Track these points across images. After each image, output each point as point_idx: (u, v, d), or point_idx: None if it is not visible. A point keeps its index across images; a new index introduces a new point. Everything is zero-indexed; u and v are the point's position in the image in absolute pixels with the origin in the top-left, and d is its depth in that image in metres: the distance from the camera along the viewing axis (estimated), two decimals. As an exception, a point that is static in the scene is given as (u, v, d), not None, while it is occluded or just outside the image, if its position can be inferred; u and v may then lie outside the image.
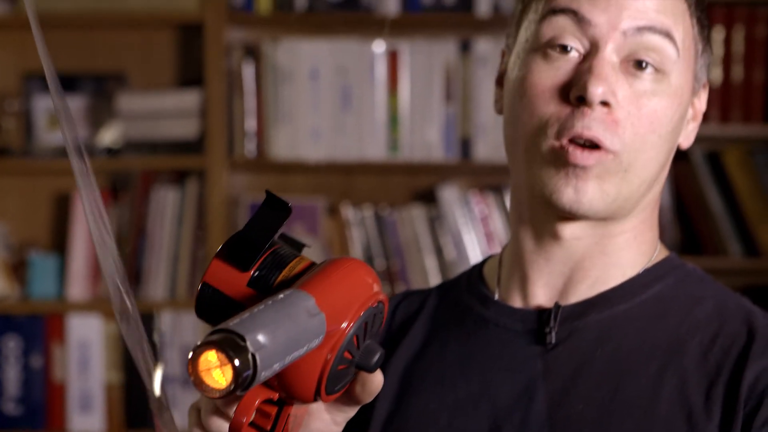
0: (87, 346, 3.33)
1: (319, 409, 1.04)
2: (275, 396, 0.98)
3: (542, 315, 1.24)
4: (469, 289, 1.32)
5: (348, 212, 3.34)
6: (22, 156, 3.40)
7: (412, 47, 3.31)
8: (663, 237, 3.25)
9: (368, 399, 1.02)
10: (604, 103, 1.17)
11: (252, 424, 0.98)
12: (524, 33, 1.24)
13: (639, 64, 1.18)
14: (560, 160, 1.18)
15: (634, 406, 1.17)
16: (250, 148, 3.33)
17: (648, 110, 1.18)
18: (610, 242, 1.24)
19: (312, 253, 1.05)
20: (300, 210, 3.37)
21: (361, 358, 0.98)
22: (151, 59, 3.45)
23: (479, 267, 1.35)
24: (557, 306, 1.23)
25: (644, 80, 1.18)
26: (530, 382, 1.22)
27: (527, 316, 1.25)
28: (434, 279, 3.27)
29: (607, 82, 1.16)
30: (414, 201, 3.41)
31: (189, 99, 3.32)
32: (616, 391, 1.19)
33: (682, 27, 1.20)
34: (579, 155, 1.17)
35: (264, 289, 0.99)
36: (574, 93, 1.17)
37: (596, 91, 1.15)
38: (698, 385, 1.17)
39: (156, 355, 1.02)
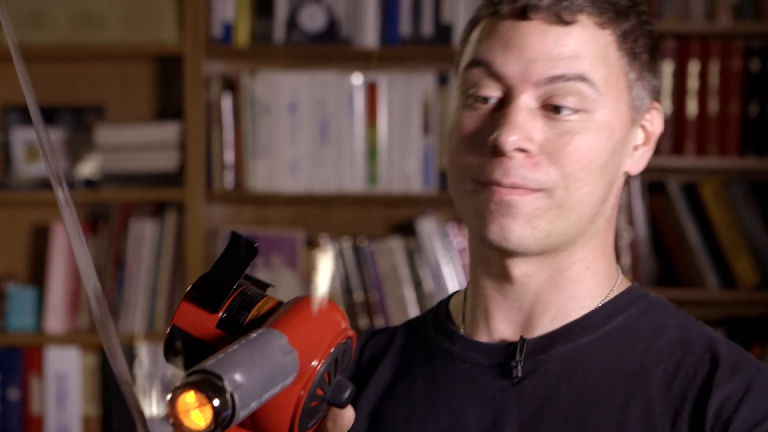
0: (65, 379, 3.31)
1: None
2: None
3: (508, 349, 1.25)
4: (435, 325, 1.33)
5: (326, 244, 3.35)
6: (0, 188, 3.39)
7: (391, 79, 3.33)
8: (639, 269, 3.27)
9: None
10: (522, 149, 1.18)
11: None
12: (456, 82, 1.26)
13: (556, 109, 1.18)
14: (484, 200, 1.19)
15: None
16: (228, 180, 3.33)
17: (572, 149, 1.18)
18: (561, 276, 1.25)
19: (275, 291, 1.06)
20: (278, 242, 3.37)
21: (332, 395, 0.99)
22: (130, 91, 3.46)
23: (445, 303, 1.35)
24: (522, 340, 1.24)
25: (564, 121, 1.18)
26: (498, 417, 1.22)
27: (493, 350, 1.25)
28: (413, 311, 3.27)
29: (520, 130, 1.17)
30: (392, 233, 3.41)
31: (168, 131, 3.33)
32: (583, 423, 1.19)
33: (603, 64, 1.20)
34: (503, 191, 1.18)
35: (233, 329, 0.99)
36: (489, 143, 1.18)
37: (508, 140, 1.16)
38: (663, 414, 1.18)
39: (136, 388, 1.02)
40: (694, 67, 3.29)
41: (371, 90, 3.33)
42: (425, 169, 3.31)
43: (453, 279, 3.31)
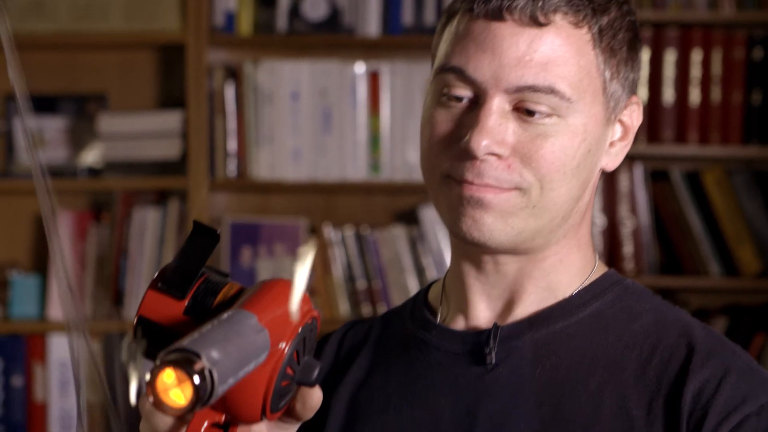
0: (68, 366, 3.32)
1: (260, 429, 1.05)
2: (221, 419, 0.99)
3: (481, 335, 1.25)
4: (412, 315, 1.33)
5: (329, 233, 3.35)
6: (3, 176, 3.40)
7: (393, 68, 3.33)
8: (642, 257, 3.27)
9: (309, 415, 1.03)
10: (494, 153, 1.18)
11: None
12: (430, 76, 1.26)
13: (529, 112, 1.18)
14: (457, 195, 1.19)
15: (575, 423, 1.18)
16: (231, 168, 3.34)
17: (545, 151, 1.18)
18: (535, 268, 1.25)
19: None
20: (281, 230, 3.37)
21: (301, 374, 1.00)
22: (133, 80, 3.46)
23: (424, 292, 1.36)
24: (495, 326, 1.24)
25: (537, 124, 1.18)
26: (472, 405, 1.22)
27: (467, 337, 1.26)
28: (415, 299, 3.27)
29: (492, 134, 1.17)
30: (395, 221, 3.42)
31: (170, 120, 3.33)
32: (557, 409, 1.19)
33: (577, 67, 1.19)
34: (474, 188, 1.18)
35: (201, 315, 1.00)
36: (461, 146, 1.18)
37: (478, 145, 1.17)
38: (639, 399, 1.18)
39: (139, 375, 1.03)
40: (696, 56, 3.29)
41: (374, 79, 3.33)
42: (428, 158, 3.30)
43: (455, 267, 3.31)
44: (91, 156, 3.39)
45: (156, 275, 1.03)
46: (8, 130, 3.40)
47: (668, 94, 3.28)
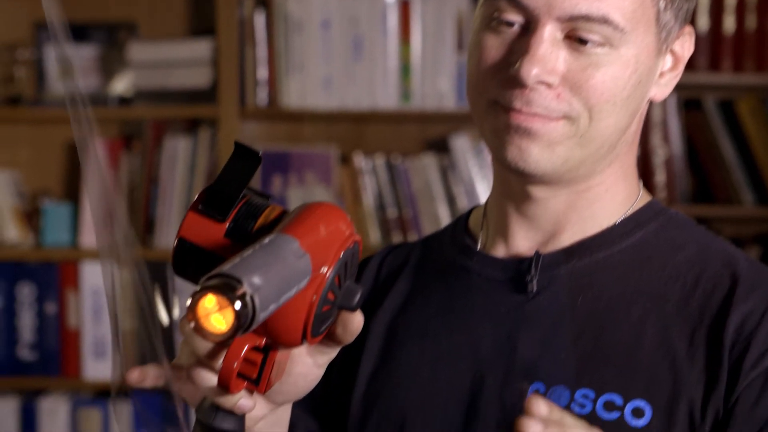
0: (101, 294, 3.34)
1: (300, 353, 1.05)
2: (262, 342, 0.99)
3: (522, 264, 1.24)
4: (452, 241, 1.32)
5: (360, 161, 3.35)
6: (35, 105, 3.40)
7: (424, -4, 3.31)
8: (674, 186, 3.25)
9: (350, 339, 1.03)
10: (544, 82, 1.16)
11: (238, 374, 0.99)
12: (479, 7, 1.23)
13: (581, 40, 1.16)
14: (504, 122, 1.18)
15: (616, 354, 1.18)
16: (261, 97, 3.33)
17: (596, 81, 1.16)
18: (579, 197, 1.24)
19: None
20: (312, 159, 3.37)
21: (343, 299, 1.00)
22: (163, 8, 3.45)
23: (464, 218, 1.35)
24: (537, 254, 1.23)
25: (589, 54, 1.16)
26: (512, 332, 1.22)
27: (509, 265, 1.25)
28: (446, 228, 3.27)
29: (541, 63, 1.15)
30: (426, 150, 3.41)
31: (201, 48, 3.32)
32: (597, 339, 1.19)
33: None
34: (522, 117, 1.17)
35: (242, 238, 0.99)
36: (511, 72, 1.17)
37: (528, 73, 1.15)
38: (681, 331, 1.18)
39: (169, 303, 1.03)
40: (732, -17, 3.25)
41: (404, 7, 3.30)
42: (459, 86, 3.29)
43: (486, 195, 3.30)
44: (121, 85, 3.38)
45: (197, 197, 1.01)
46: (38, 58, 3.40)
47: (702, 22, 3.24)
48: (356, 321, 1.02)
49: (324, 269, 0.97)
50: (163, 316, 0.93)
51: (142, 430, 3.26)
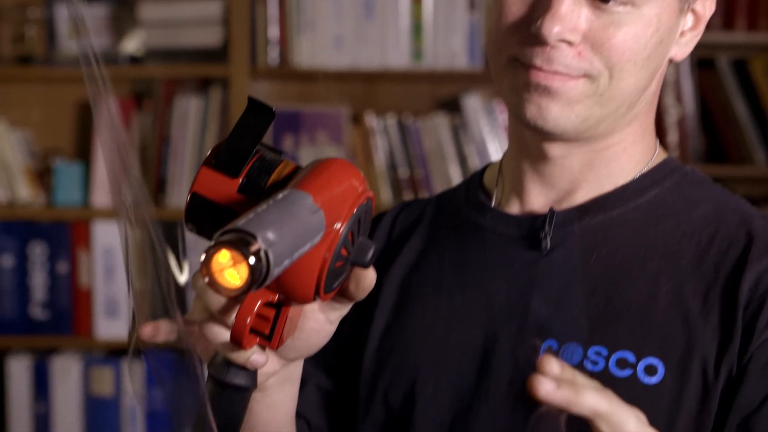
0: (112, 253, 3.35)
1: (313, 309, 1.05)
2: (274, 298, 0.99)
3: (537, 220, 1.24)
4: (467, 198, 1.32)
5: (371, 120, 3.34)
6: (45, 64, 3.39)
7: (436, -46, 3.29)
8: (687, 145, 3.24)
9: (362, 295, 1.03)
10: (565, 40, 1.15)
11: (251, 330, 0.99)
12: None
13: None
14: (523, 80, 1.17)
15: (629, 311, 1.18)
16: (273, 55, 3.32)
17: (617, 40, 1.15)
18: (597, 156, 1.24)
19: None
20: (323, 118, 3.36)
21: (356, 255, 1.00)
22: (174, -34, 3.43)
23: (479, 174, 1.35)
24: (551, 211, 1.23)
25: (611, 12, 1.15)
26: (525, 288, 1.22)
27: (523, 222, 1.25)
28: (457, 187, 3.27)
29: (563, 21, 1.14)
30: (438, 109, 3.40)
31: (212, 6, 3.30)
32: (611, 296, 1.19)
33: None
34: (542, 75, 1.16)
35: (255, 193, 0.99)
36: (532, 29, 1.16)
37: (550, 31, 1.14)
38: (695, 289, 1.17)
39: (180, 261, 1.03)
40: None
41: (416, -35, 3.29)
42: (471, 46, 3.28)
43: (498, 155, 3.29)
44: (132, 44, 3.38)
45: (210, 152, 1.01)
46: (49, 17, 3.39)
47: (716, -20, 3.22)
48: (369, 277, 1.02)
49: (337, 225, 0.96)
50: (177, 275, 0.93)
51: (155, 387, 3.28)
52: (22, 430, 3.35)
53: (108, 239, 3.34)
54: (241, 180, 1.00)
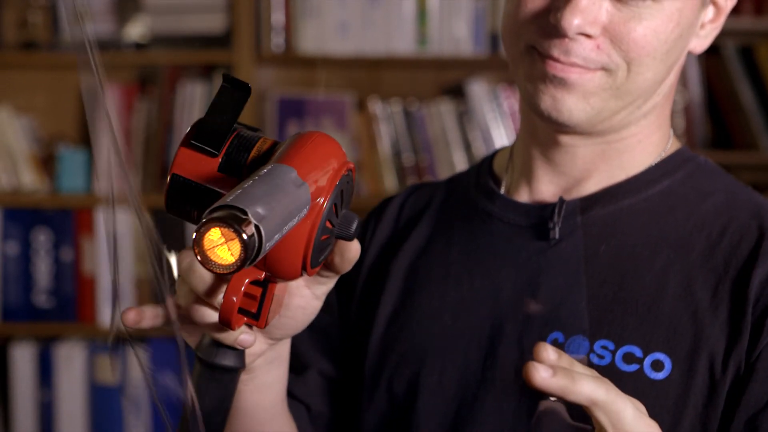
0: (117, 240, 3.34)
1: (298, 285, 1.05)
2: (261, 276, 0.98)
3: (546, 209, 1.23)
4: (476, 184, 1.32)
5: (376, 107, 3.33)
6: (50, 50, 3.39)
7: (442, -61, 3.28)
8: (693, 132, 3.23)
9: (348, 268, 1.03)
10: (584, 33, 1.14)
11: (239, 309, 0.98)
12: None
13: None
14: (540, 70, 1.16)
15: (638, 303, 1.17)
16: (277, 42, 3.31)
17: (637, 35, 1.14)
18: (610, 147, 1.23)
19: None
20: (328, 105, 3.35)
21: (340, 227, 0.99)
22: (178, -48, 3.42)
23: (489, 159, 1.34)
24: (561, 200, 1.22)
25: (632, 6, 1.14)
26: (533, 278, 1.21)
27: (532, 210, 1.24)
28: (462, 174, 3.26)
29: (583, 14, 1.13)
30: (442, 95, 3.39)
31: (216, -8, 3.30)
32: (620, 287, 1.18)
33: None
34: (558, 67, 1.15)
35: (236, 171, 0.98)
36: (551, 20, 1.15)
37: (570, 24, 1.13)
38: (705, 281, 1.16)
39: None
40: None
41: (421, -50, 3.28)
42: (476, 32, 3.27)
43: (503, 141, 3.29)
44: (136, 30, 3.37)
45: (187, 132, 1.00)
46: (53, 3, 3.38)
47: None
48: (353, 249, 1.02)
49: (321, 199, 0.96)
50: (170, 259, 0.92)
51: (157, 374, 3.28)
52: (26, 417, 3.36)
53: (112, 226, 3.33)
54: (221, 158, 0.98)
